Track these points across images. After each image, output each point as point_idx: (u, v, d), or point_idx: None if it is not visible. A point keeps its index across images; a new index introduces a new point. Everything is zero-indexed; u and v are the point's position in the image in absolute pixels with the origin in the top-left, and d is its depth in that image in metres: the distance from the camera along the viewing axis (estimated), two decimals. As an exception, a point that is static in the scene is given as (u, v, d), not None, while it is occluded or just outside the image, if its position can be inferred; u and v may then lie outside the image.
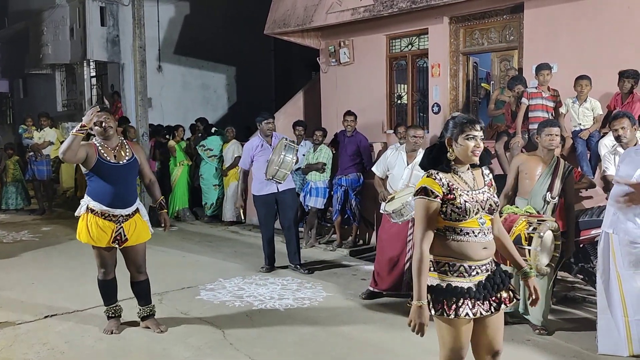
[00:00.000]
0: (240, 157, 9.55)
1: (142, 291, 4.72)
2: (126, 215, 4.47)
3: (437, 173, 2.85)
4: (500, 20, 8.19)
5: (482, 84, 9.80)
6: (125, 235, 4.45)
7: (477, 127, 2.81)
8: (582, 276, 5.39)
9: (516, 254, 3.05)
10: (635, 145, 4.39)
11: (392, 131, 8.58)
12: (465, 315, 2.73)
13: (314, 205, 7.90)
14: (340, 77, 10.11)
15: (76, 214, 4.51)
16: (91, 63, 14.93)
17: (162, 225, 4.81)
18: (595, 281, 4.76)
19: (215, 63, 15.56)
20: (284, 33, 10.36)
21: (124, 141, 4.58)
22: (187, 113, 14.27)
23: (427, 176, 2.85)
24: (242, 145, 9.76)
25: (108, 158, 4.39)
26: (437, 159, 2.89)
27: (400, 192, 5.60)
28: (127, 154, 4.51)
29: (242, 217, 6.63)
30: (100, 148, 4.39)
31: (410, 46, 9.39)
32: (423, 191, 2.80)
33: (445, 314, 2.74)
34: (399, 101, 9.77)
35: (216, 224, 9.91)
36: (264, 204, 6.62)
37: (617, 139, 4.66)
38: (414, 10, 8.37)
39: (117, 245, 4.49)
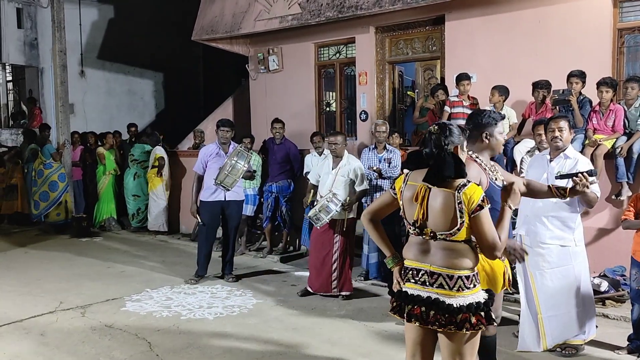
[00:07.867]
0: (162, 158, 9.34)
1: None
2: None
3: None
4: (424, 31, 8.50)
5: (408, 92, 10.10)
6: None
7: None
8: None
9: None
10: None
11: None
12: None
13: (244, 213, 7.85)
14: (270, 85, 10.14)
15: None
16: (7, 67, 14.21)
17: None
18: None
19: (142, 69, 15.17)
20: (212, 39, 10.27)
21: None
22: (112, 120, 13.87)
23: (477, 184, 2.71)
24: (165, 150, 9.60)
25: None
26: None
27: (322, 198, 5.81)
28: None
29: (199, 221, 6.54)
30: None
31: (338, 54, 9.56)
32: (487, 200, 2.64)
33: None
34: (327, 108, 9.91)
35: (143, 234, 9.65)
36: (209, 211, 6.52)
37: (553, 139, 4.24)
38: (341, 20, 8.53)
39: None
